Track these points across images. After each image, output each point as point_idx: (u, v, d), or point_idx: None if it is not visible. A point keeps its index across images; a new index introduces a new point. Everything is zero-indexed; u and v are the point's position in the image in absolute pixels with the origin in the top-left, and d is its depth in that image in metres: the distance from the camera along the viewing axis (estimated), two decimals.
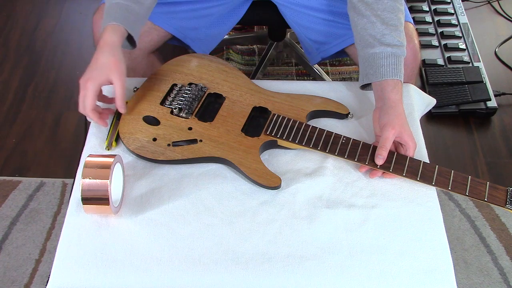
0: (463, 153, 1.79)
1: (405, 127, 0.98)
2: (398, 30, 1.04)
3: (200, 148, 1.01)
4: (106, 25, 1.01)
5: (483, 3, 2.33)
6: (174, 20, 1.26)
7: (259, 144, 1.01)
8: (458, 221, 1.58)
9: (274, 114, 1.05)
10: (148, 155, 1.00)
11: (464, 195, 0.94)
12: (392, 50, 1.02)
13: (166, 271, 0.88)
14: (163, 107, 1.07)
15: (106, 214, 0.94)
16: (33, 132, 1.83)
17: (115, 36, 1.00)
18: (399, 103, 1.00)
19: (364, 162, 0.98)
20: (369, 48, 1.03)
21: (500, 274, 1.47)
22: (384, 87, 1.01)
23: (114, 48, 1.00)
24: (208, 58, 1.18)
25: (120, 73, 0.99)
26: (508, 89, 1.96)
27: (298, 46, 1.88)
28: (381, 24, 1.02)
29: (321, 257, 0.90)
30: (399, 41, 1.02)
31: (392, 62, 1.01)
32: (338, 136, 1.02)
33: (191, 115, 1.06)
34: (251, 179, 0.98)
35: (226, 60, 2.00)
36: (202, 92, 1.10)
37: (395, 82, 1.01)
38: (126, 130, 1.04)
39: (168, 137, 1.02)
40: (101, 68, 0.98)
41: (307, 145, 1.01)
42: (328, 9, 1.24)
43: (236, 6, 1.34)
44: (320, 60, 1.33)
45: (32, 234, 1.54)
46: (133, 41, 1.07)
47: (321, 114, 1.09)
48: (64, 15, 2.29)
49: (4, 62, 2.08)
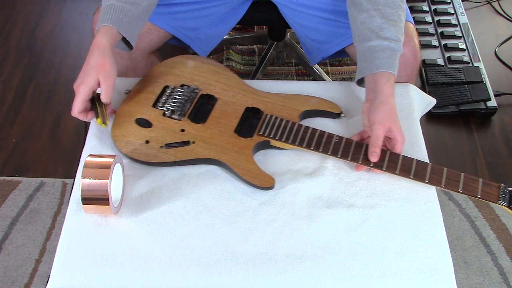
0: (463, 153, 1.79)
1: (395, 123, 0.98)
2: (397, 25, 1.03)
3: (193, 149, 1.00)
4: (99, 27, 1.02)
5: (483, 3, 2.33)
6: (174, 21, 1.26)
7: (252, 144, 1.01)
8: (458, 221, 1.58)
9: (266, 115, 1.05)
10: (141, 157, 0.99)
11: (457, 192, 0.95)
12: (389, 44, 1.01)
13: (166, 271, 0.88)
14: (156, 109, 1.06)
15: (106, 214, 0.94)
16: (33, 132, 1.83)
17: (106, 38, 1.01)
18: (390, 97, 1.00)
19: (357, 161, 0.98)
20: (366, 41, 1.03)
21: (500, 274, 1.47)
22: (377, 79, 1.00)
23: (103, 50, 1.00)
24: (200, 59, 1.18)
25: (107, 74, 0.99)
26: (508, 89, 1.97)
27: (298, 46, 1.88)
28: (380, 18, 1.02)
29: (321, 257, 0.90)
30: (396, 36, 1.02)
31: (388, 55, 1.01)
32: (331, 135, 1.02)
33: (184, 116, 1.05)
34: (244, 180, 0.98)
35: (226, 60, 2.00)
36: (194, 93, 1.09)
37: (388, 75, 1.00)
38: (118, 133, 1.03)
39: (161, 139, 1.01)
40: (90, 71, 0.99)
41: (300, 145, 1.01)
42: (328, 8, 1.24)
43: (236, 6, 1.34)
44: (320, 60, 1.33)
45: (32, 234, 1.54)
46: (130, 42, 1.07)
47: (313, 114, 1.09)
48: (64, 15, 2.29)
49: (4, 62, 2.08)
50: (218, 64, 1.17)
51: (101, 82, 0.99)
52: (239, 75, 1.16)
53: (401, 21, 1.05)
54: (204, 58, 1.18)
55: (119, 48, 1.09)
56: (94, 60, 0.99)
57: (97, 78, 0.99)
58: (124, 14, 1.03)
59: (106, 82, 0.99)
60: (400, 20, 1.05)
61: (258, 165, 0.98)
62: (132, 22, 1.05)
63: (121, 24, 1.02)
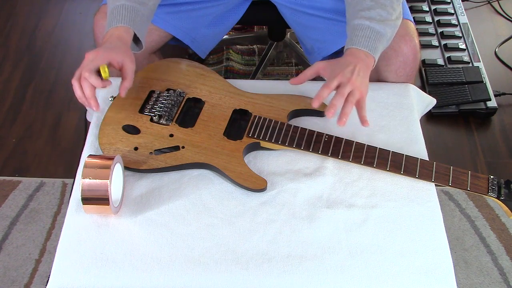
0: (463, 153, 1.79)
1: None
2: (386, 9, 1.02)
3: (183, 154, 1.00)
4: (116, 26, 1.00)
5: (483, 3, 2.33)
6: (175, 21, 1.26)
7: (242, 147, 1.01)
8: (458, 221, 1.58)
9: (255, 116, 1.05)
10: (130, 165, 0.98)
11: (448, 185, 0.96)
12: (370, 24, 0.99)
13: (166, 271, 0.88)
14: (143, 115, 1.05)
15: (106, 214, 0.94)
16: (33, 132, 1.83)
17: (127, 36, 1.01)
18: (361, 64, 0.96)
19: (348, 159, 0.99)
20: (351, 20, 1.02)
21: (500, 274, 1.47)
22: (354, 52, 0.98)
23: (127, 43, 1.00)
24: (184, 62, 1.17)
25: (132, 59, 0.99)
26: (508, 89, 1.96)
27: (298, 46, 1.88)
28: (370, 1, 1.02)
29: (321, 257, 0.90)
30: (382, 17, 1.00)
31: (366, 34, 0.99)
32: (320, 134, 1.02)
33: (172, 121, 1.04)
34: (236, 183, 0.97)
35: (226, 60, 2.00)
36: (180, 97, 1.08)
37: (365, 54, 0.98)
38: (106, 141, 1.02)
39: (150, 145, 1.00)
40: (117, 49, 0.97)
41: (290, 145, 1.01)
42: (327, 7, 1.24)
43: (236, 6, 1.34)
44: (321, 59, 1.32)
45: (32, 234, 1.54)
46: (138, 42, 1.07)
47: (302, 113, 1.09)
48: (64, 15, 2.29)
49: (4, 62, 2.08)
50: (203, 67, 1.16)
51: (127, 62, 0.98)
52: (239, 75, 1.15)
53: (393, 7, 1.03)
54: (188, 61, 1.17)
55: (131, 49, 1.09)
56: (120, 46, 0.98)
57: (122, 58, 0.97)
58: (136, 14, 1.03)
59: (131, 65, 0.98)
60: (392, 7, 1.03)
61: (250, 167, 0.98)
62: (143, 22, 1.05)
63: (134, 24, 1.02)
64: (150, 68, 1.15)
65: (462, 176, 0.97)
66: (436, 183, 0.97)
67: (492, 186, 0.97)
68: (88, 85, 0.94)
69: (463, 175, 0.98)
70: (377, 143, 1.02)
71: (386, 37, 1.02)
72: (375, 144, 1.01)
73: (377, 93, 1.14)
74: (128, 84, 0.99)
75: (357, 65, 0.96)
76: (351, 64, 0.96)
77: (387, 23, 1.01)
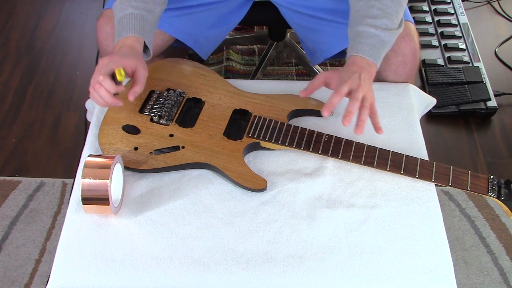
0: (463, 153, 1.79)
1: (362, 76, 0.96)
2: (391, 19, 1.02)
3: (183, 154, 1.00)
4: (128, 36, 1.01)
5: (483, 3, 2.33)
6: (178, 24, 1.26)
7: (242, 147, 1.01)
8: (458, 221, 1.58)
9: (255, 116, 1.05)
10: (130, 165, 0.98)
11: (448, 185, 0.96)
12: (376, 32, 1.00)
13: (166, 271, 0.88)
14: (143, 115, 1.05)
15: (106, 214, 0.94)
16: (33, 132, 1.83)
17: (139, 46, 1.02)
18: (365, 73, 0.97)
19: (348, 159, 0.99)
20: (355, 26, 1.02)
21: (500, 274, 1.47)
22: (357, 60, 0.99)
23: (139, 54, 1.02)
24: (184, 62, 1.17)
25: (145, 67, 1.01)
26: (508, 89, 1.96)
27: (298, 46, 1.88)
28: (377, 9, 1.02)
29: (321, 257, 0.90)
30: (387, 26, 1.01)
31: (372, 43, 0.99)
32: (320, 134, 1.02)
33: (172, 121, 1.04)
34: (236, 183, 0.97)
35: (226, 60, 2.00)
36: (180, 97, 1.09)
37: (368, 63, 0.99)
38: (106, 141, 1.02)
39: (150, 145, 1.01)
40: (130, 56, 0.99)
41: (290, 145, 1.01)
42: (328, 8, 1.23)
43: (237, 7, 1.34)
44: (322, 60, 1.32)
45: (32, 234, 1.54)
46: (146, 50, 1.07)
47: (301, 113, 1.09)
48: (64, 15, 2.29)
49: (4, 62, 2.08)
50: (203, 67, 1.16)
51: (140, 68, 0.99)
52: (239, 75, 1.15)
53: (397, 17, 1.04)
54: (188, 61, 1.17)
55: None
56: (133, 54, 0.99)
57: (135, 64, 0.99)
58: (144, 22, 1.04)
59: (144, 72, 1.00)
60: (396, 17, 1.04)
61: (250, 167, 0.98)
62: (151, 29, 1.06)
63: (144, 33, 1.03)
64: (150, 68, 1.14)
65: (462, 176, 0.97)
66: (436, 183, 0.97)
67: (492, 186, 0.97)
68: (103, 90, 0.96)
69: (463, 175, 0.98)
70: (377, 143, 1.02)
71: (389, 44, 1.03)
72: (375, 144, 1.01)
73: (377, 93, 1.13)
74: (139, 89, 1.00)
75: (362, 73, 0.97)
76: (357, 72, 0.97)
77: (392, 32, 1.02)
